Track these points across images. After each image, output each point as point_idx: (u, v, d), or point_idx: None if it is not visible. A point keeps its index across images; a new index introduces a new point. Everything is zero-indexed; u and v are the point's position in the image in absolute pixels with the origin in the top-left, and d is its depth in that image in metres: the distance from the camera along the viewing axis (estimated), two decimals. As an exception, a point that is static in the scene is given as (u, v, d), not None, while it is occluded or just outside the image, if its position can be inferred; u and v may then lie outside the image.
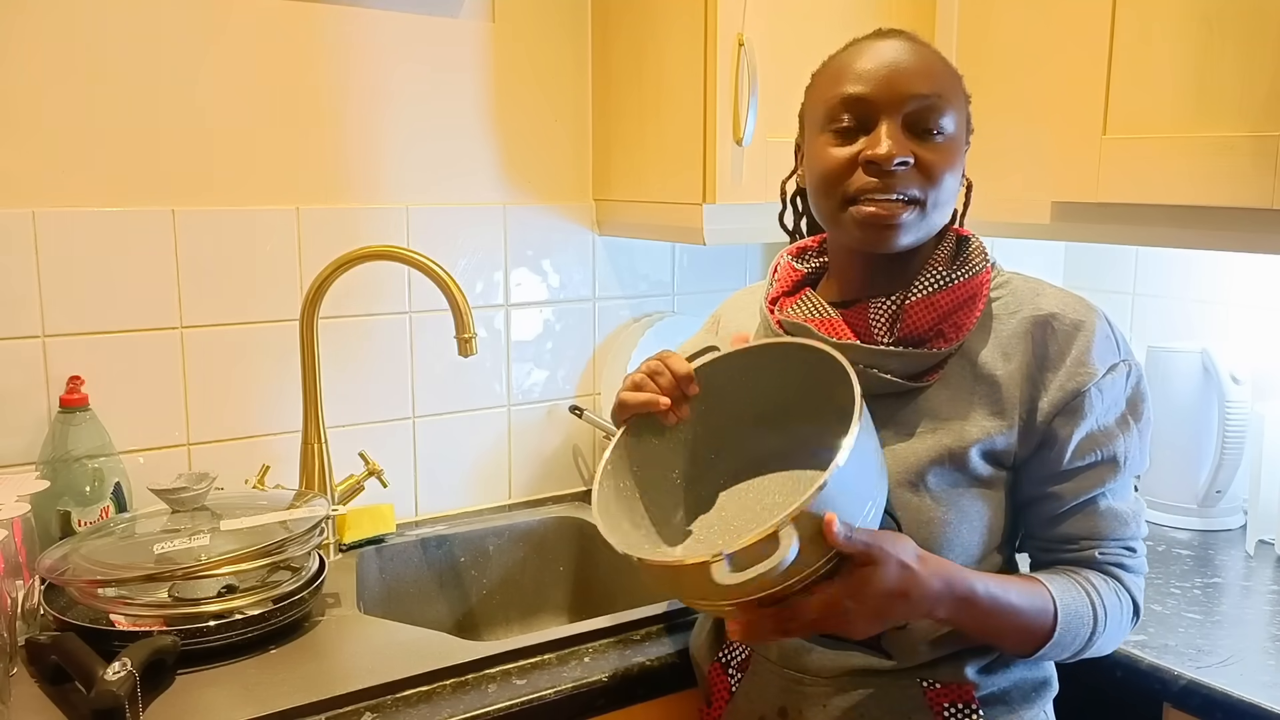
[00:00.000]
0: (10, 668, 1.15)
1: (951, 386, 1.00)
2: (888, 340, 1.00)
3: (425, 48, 1.66)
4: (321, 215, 1.61)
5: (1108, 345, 1.00)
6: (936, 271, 1.01)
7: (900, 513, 0.98)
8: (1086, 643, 1.00)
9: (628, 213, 1.78)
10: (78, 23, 1.41)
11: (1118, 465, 1.00)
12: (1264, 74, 1.24)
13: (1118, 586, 1.02)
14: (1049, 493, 1.01)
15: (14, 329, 1.41)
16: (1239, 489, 1.62)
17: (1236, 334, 1.71)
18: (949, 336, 0.99)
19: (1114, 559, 1.02)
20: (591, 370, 1.89)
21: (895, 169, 0.96)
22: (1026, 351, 0.99)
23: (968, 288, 1.00)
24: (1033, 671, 1.05)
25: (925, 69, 0.98)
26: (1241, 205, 1.26)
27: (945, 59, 1.01)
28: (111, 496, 1.41)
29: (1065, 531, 1.02)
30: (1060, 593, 0.98)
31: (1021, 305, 1.01)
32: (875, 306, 1.01)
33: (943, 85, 0.98)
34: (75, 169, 1.43)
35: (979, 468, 0.99)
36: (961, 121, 1.01)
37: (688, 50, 1.58)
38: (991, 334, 1.01)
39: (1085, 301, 1.02)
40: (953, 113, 0.98)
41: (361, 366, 1.67)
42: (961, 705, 1.00)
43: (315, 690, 1.12)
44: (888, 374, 0.99)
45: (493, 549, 1.70)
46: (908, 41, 1.00)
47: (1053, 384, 0.98)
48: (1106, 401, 0.99)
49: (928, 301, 0.99)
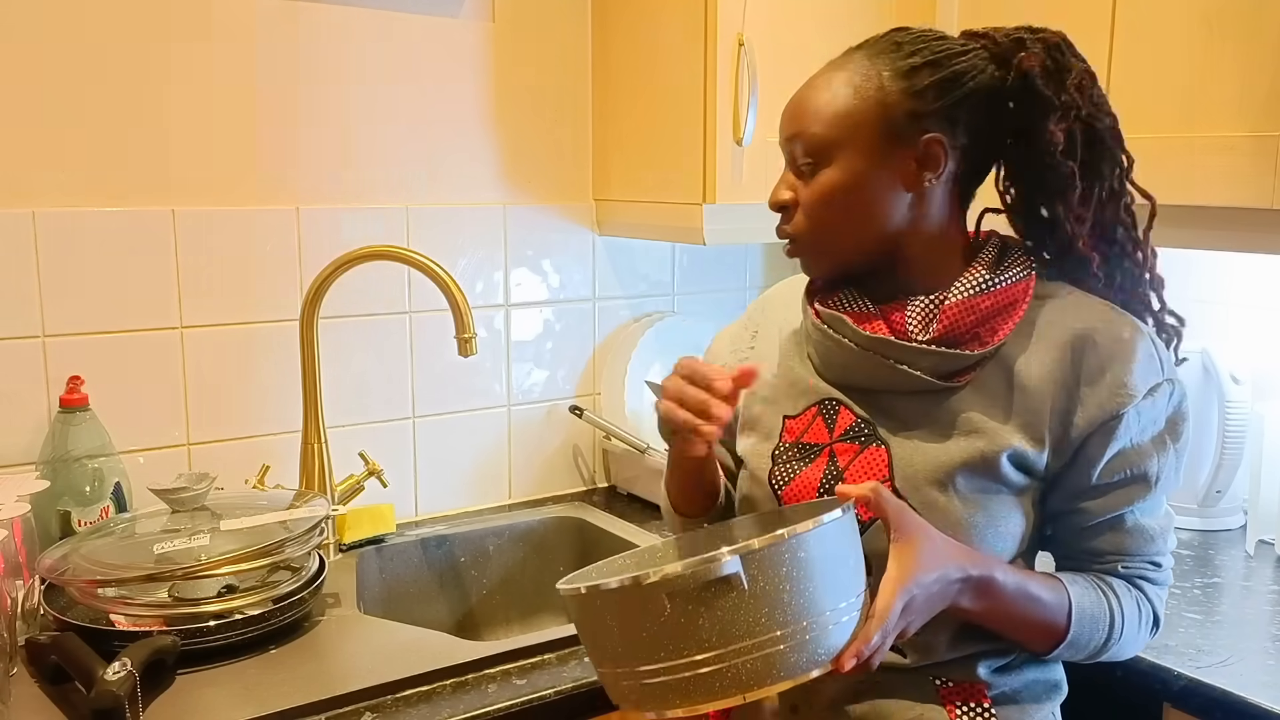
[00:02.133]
0: (10, 668, 1.15)
1: (984, 392, 0.99)
2: (923, 339, 1.00)
3: (425, 48, 1.66)
4: (321, 215, 1.61)
5: (1150, 366, 0.98)
6: (979, 274, 1.00)
7: (927, 513, 0.97)
8: (1102, 646, 1.00)
9: (628, 213, 1.78)
10: (78, 23, 1.41)
11: (1149, 484, 0.99)
12: (1264, 74, 1.24)
13: (1140, 596, 1.02)
14: (1078, 507, 1.00)
15: (14, 329, 1.41)
16: (1239, 489, 1.62)
17: (1236, 334, 1.71)
18: (984, 340, 0.99)
19: (1137, 572, 1.02)
20: (591, 370, 1.89)
21: (779, 209, 1.03)
22: (1065, 364, 0.98)
23: (1009, 293, 1.00)
24: (1044, 674, 1.05)
25: (813, 106, 0.99)
26: (1241, 205, 1.26)
27: (852, 76, 0.99)
28: (111, 496, 1.41)
29: (1092, 546, 1.02)
30: (1078, 594, 0.98)
31: (1064, 316, 1.00)
32: (913, 304, 1.01)
33: (820, 121, 0.98)
34: (75, 169, 1.43)
35: (1009, 474, 0.98)
36: (864, 142, 0.98)
37: (688, 50, 1.58)
38: (1030, 342, 0.99)
39: (1130, 319, 1.00)
40: (831, 147, 0.98)
41: (361, 366, 1.67)
42: (974, 704, 1.00)
43: (315, 690, 1.12)
44: (918, 371, 0.99)
45: (493, 549, 1.70)
46: (820, 75, 1.01)
47: (1090, 400, 0.97)
48: (1144, 422, 0.98)
49: (967, 303, 0.99)
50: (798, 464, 1.05)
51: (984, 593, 0.95)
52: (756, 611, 0.81)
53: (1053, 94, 0.99)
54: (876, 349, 1.00)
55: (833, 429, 1.05)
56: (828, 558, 0.84)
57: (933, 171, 0.98)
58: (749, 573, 0.81)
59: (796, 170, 1.01)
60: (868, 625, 0.87)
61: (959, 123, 0.98)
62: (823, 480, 1.03)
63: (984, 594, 0.95)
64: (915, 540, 0.91)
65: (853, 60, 1.00)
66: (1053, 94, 0.99)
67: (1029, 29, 1.01)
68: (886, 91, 0.97)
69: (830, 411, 1.05)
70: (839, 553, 0.86)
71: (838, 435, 1.04)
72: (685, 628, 0.81)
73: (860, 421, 1.03)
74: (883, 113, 0.97)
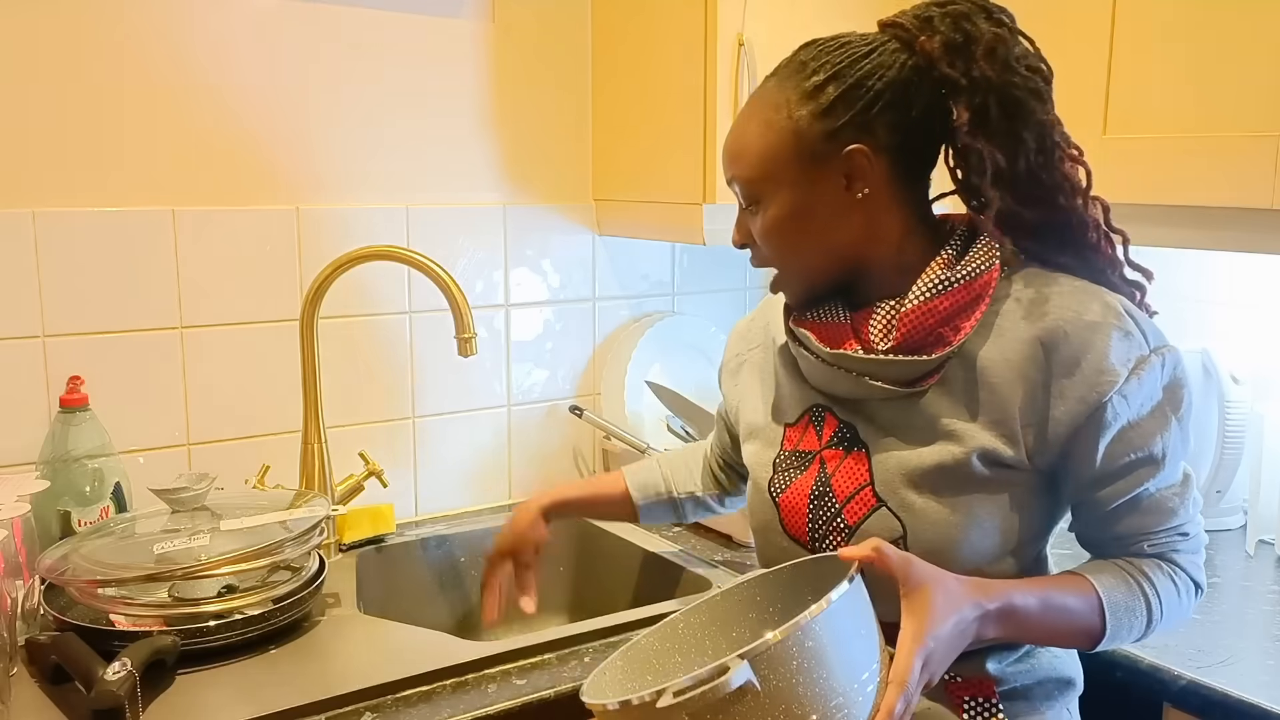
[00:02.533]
0: (10, 668, 1.15)
1: (953, 392, 0.98)
2: (885, 346, 0.99)
3: (425, 48, 1.66)
4: (321, 215, 1.61)
5: (1127, 343, 0.94)
6: (936, 274, 0.98)
7: (905, 515, 0.97)
8: (1145, 630, 1.00)
9: (628, 213, 1.78)
10: (78, 23, 1.41)
11: (1157, 462, 0.96)
12: (1264, 74, 1.24)
13: (1173, 570, 1.00)
14: (1091, 497, 0.99)
15: (14, 329, 1.41)
16: (1239, 489, 1.62)
17: (1236, 334, 1.70)
18: (947, 339, 0.97)
19: (1167, 547, 1.00)
20: (591, 370, 1.89)
21: (744, 249, 1.05)
22: (1036, 358, 0.95)
23: (969, 290, 0.97)
24: (1055, 669, 1.04)
25: (738, 150, 1.02)
26: (1241, 205, 1.26)
27: (765, 105, 0.99)
28: (111, 496, 1.41)
29: (1114, 531, 1.00)
30: (1107, 590, 0.97)
31: (1030, 308, 0.97)
32: (876, 312, 1.00)
33: (745, 165, 1.01)
34: (76, 169, 1.43)
35: (982, 473, 0.97)
36: (788, 168, 0.98)
37: (688, 50, 1.58)
38: (993, 335, 0.97)
39: (1101, 298, 0.97)
40: (761, 185, 1.00)
41: (361, 366, 1.67)
42: (982, 700, 1.00)
43: (315, 690, 1.12)
44: (879, 382, 0.99)
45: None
46: (741, 115, 1.03)
47: (1070, 393, 0.94)
48: (1138, 400, 0.95)
49: (925, 307, 0.97)
50: (794, 472, 1.06)
51: (1005, 620, 0.93)
52: (774, 709, 0.80)
53: (959, 73, 0.95)
54: (840, 364, 1.01)
55: (821, 435, 1.05)
56: (838, 638, 0.82)
57: (863, 182, 0.97)
58: (760, 673, 0.79)
59: (744, 210, 1.04)
60: (889, 694, 0.84)
61: (876, 126, 0.96)
62: (813, 488, 1.04)
63: (1006, 621, 0.93)
64: (926, 591, 0.88)
65: (766, 92, 1.01)
66: (959, 73, 0.95)
67: (938, 3, 0.98)
68: (797, 119, 0.97)
69: (818, 418, 1.06)
70: (850, 626, 0.84)
71: (825, 442, 1.05)
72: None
73: (843, 426, 1.04)
74: (796, 141, 0.97)
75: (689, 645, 1.00)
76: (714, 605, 1.02)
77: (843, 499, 1.01)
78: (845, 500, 1.01)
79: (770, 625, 0.98)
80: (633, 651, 0.98)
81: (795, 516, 1.04)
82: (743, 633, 1.01)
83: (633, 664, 0.97)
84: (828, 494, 1.02)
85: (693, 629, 1.01)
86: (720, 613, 1.02)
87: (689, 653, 0.99)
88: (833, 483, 1.02)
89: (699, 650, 1.00)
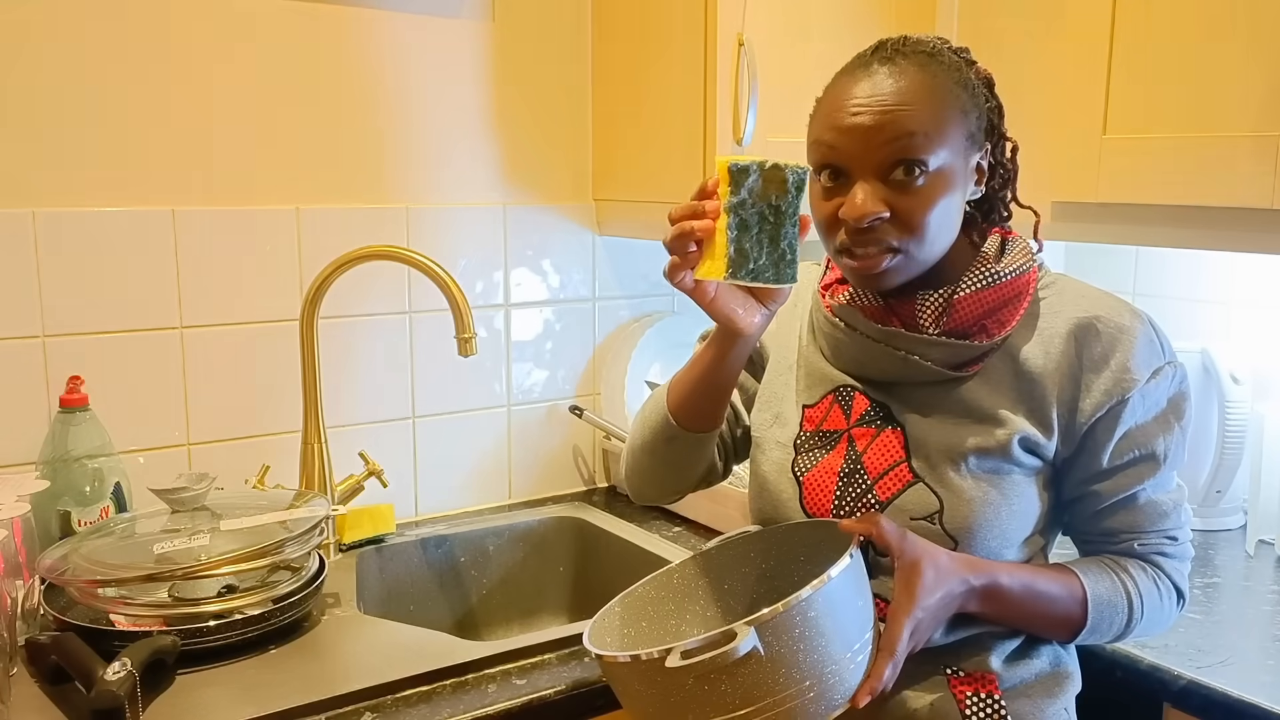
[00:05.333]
0: (10, 668, 1.15)
1: (992, 381, 1.02)
2: (934, 331, 1.02)
3: (425, 48, 1.66)
4: (321, 215, 1.61)
5: (1151, 350, 1.02)
6: (986, 267, 1.03)
7: (943, 491, 1.00)
8: (1125, 628, 1.04)
9: (628, 213, 1.78)
10: (78, 23, 1.41)
11: (1157, 462, 1.02)
12: (1264, 74, 1.24)
13: (1157, 574, 1.05)
14: (1091, 491, 1.04)
15: (14, 329, 1.41)
16: (1239, 489, 1.62)
17: (1236, 334, 1.71)
18: (991, 331, 1.02)
19: (1154, 549, 1.05)
20: (591, 370, 1.89)
21: (871, 225, 0.96)
22: (1069, 352, 1.01)
23: (1014, 285, 1.03)
24: (1056, 665, 1.06)
25: (896, 117, 0.95)
26: (1241, 205, 1.26)
27: (934, 79, 0.97)
28: (111, 496, 1.41)
29: (1106, 526, 1.05)
30: (1092, 583, 1.02)
31: (1066, 306, 1.04)
32: (922, 298, 1.03)
33: (922, 122, 0.95)
34: (75, 169, 1.43)
35: (1021, 457, 1.01)
36: (956, 144, 0.98)
37: (688, 50, 1.58)
38: (1035, 332, 1.03)
39: (1130, 306, 1.04)
40: (938, 146, 0.96)
41: (361, 366, 1.67)
42: (984, 695, 1.01)
43: (315, 690, 1.12)
44: (929, 361, 1.02)
45: (493, 549, 1.70)
46: (889, 77, 0.96)
47: (1095, 387, 1.00)
48: (1148, 404, 1.01)
49: (976, 296, 1.02)
50: (819, 452, 1.07)
51: (990, 597, 0.98)
52: (775, 674, 0.85)
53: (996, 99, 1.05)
54: (889, 341, 1.03)
55: (849, 415, 1.07)
56: (837, 610, 0.88)
57: (983, 181, 1.04)
58: (765, 640, 0.84)
59: (882, 178, 0.96)
60: (879, 661, 0.91)
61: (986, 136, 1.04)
62: (843, 466, 1.05)
63: (990, 599, 0.98)
64: (919, 565, 0.94)
65: (911, 67, 0.97)
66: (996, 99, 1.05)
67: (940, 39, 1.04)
68: (961, 100, 0.99)
69: (846, 398, 1.08)
70: (848, 599, 0.90)
71: (854, 421, 1.07)
72: (709, 694, 0.86)
73: (875, 405, 1.06)
74: (963, 119, 0.99)
75: (681, 594, 1.09)
76: (708, 557, 1.11)
77: (875, 475, 1.03)
78: (878, 477, 1.03)
79: (762, 580, 1.08)
80: (630, 599, 1.06)
81: (820, 495, 1.06)
82: (734, 585, 1.09)
83: (630, 611, 1.06)
84: (858, 471, 1.04)
85: (686, 579, 1.10)
86: (714, 565, 1.10)
87: (681, 600, 1.09)
88: (864, 460, 1.04)
89: (691, 599, 1.09)
